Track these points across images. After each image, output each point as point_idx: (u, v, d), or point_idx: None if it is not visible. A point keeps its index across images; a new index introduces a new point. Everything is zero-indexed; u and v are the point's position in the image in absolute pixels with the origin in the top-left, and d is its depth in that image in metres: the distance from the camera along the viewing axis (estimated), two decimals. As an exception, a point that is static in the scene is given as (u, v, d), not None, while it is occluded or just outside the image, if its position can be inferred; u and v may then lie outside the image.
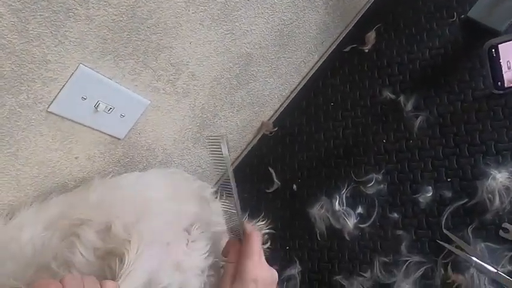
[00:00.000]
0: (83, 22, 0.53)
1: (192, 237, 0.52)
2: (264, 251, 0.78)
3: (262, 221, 0.81)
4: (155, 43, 0.61)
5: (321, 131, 0.83)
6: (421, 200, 0.68)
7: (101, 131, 0.64)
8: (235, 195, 0.56)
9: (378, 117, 0.77)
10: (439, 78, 0.73)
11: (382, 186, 0.72)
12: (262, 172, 0.86)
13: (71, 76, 0.56)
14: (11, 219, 0.55)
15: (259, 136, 0.90)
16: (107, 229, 0.48)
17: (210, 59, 0.70)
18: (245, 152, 0.90)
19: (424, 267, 0.64)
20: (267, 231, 0.80)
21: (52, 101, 0.56)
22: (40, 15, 0.49)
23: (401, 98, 0.75)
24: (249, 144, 0.90)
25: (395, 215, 0.70)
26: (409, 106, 0.74)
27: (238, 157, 0.90)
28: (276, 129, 0.88)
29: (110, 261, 0.44)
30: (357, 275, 0.69)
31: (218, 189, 0.71)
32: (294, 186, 0.82)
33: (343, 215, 0.73)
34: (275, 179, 0.84)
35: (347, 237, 0.73)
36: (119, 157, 0.70)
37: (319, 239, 0.75)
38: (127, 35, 0.58)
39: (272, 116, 0.90)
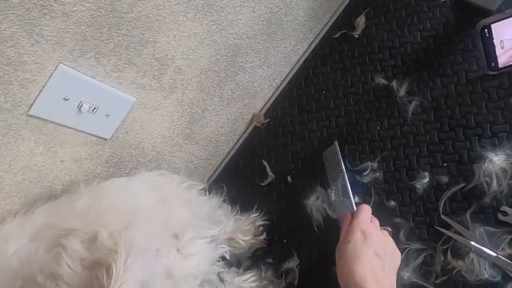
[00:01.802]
0: (59, 19, 0.50)
1: (182, 242, 0.51)
2: (261, 242, 0.77)
3: (256, 212, 0.79)
4: (137, 38, 0.59)
5: (314, 121, 0.81)
6: (417, 186, 0.67)
7: (86, 132, 0.62)
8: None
9: (371, 104, 0.76)
10: (432, 62, 0.72)
11: (377, 174, 0.71)
12: (255, 165, 0.85)
13: (50, 77, 0.53)
14: (-5, 231, 0.52)
15: (250, 128, 0.88)
16: (93, 238, 0.46)
17: (196, 52, 0.68)
18: (237, 145, 0.88)
19: (424, 254, 0.63)
20: (262, 222, 0.78)
21: (32, 104, 0.54)
22: (12, 13, 0.46)
23: (394, 84, 0.74)
24: (240, 137, 0.88)
25: (393, 202, 0.68)
26: (402, 91, 0.72)
27: (230, 151, 0.89)
28: (267, 120, 0.86)
29: (97, 272, 0.42)
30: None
31: (207, 185, 0.69)
32: (289, 178, 0.80)
33: (339, 205, 0.72)
34: (269, 172, 0.82)
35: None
36: (107, 157, 0.68)
37: (316, 230, 0.74)
38: (107, 30, 0.55)
39: (263, 108, 0.88)
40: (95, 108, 0.60)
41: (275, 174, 0.82)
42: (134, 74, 0.62)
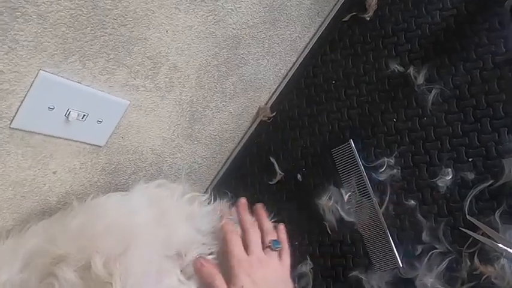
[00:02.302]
0: (35, 22, 0.45)
1: (186, 261, 0.47)
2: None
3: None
4: (126, 36, 0.53)
5: (324, 113, 0.75)
6: (440, 184, 0.61)
7: (77, 141, 0.57)
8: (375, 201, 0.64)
9: (386, 94, 0.69)
10: (454, 44, 0.65)
11: (395, 171, 0.65)
12: (263, 162, 0.80)
13: (31, 86, 0.48)
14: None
15: (256, 123, 0.82)
16: (87, 267, 0.42)
17: (192, 46, 0.62)
18: (243, 142, 0.83)
19: (448, 259, 0.58)
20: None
21: (14, 116, 0.49)
22: (-21, 19, 0.41)
23: (411, 70, 0.67)
24: (246, 132, 0.83)
25: (412, 202, 0.63)
26: (421, 79, 0.66)
27: (235, 147, 0.84)
28: (274, 114, 0.81)
29: None
30: (374, 269, 0.64)
31: (211, 192, 0.65)
32: (299, 176, 0.75)
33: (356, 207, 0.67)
34: (277, 170, 0.77)
35: (360, 230, 0.67)
36: (103, 165, 0.63)
37: (329, 232, 0.70)
38: (90, 30, 0.50)
39: (269, 100, 0.82)
40: (84, 115, 0.55)
41: (284, 172, 0.77)
42: (125, 76, 0.57)
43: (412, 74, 0.67)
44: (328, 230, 0.70)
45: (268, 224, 0.63)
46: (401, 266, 0.62)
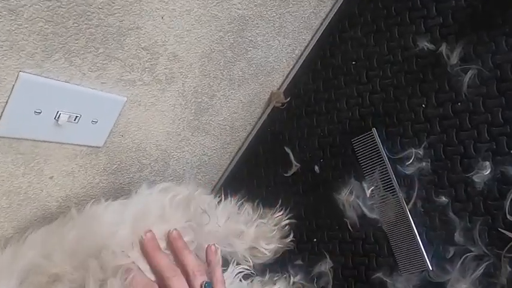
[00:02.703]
0: (6, 19, 0.39)
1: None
2: (288, 244, 0.69)
3: (280, 211, 0.70)
4: (115, 27, 0.47)
5: (343, 98, 0.68)
6: (476, 179, 0.54)
7: (72, 144, 0.53)
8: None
9: (414, 76, 0.61)
10: (493, 16, 0.56)
11: (424, 163, 0.59)
12: (277, 152, 0.74)
13: (12, 90, 0.43)
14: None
15: (269, 110, 0.76)
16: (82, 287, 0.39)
17: (193, 32, 0.55)
18: (255, 130, 0.77)
19: (485, 263, 0.52)
20: (288, 221, 0.69)
21: (-3, 124, 0.45)
22: None
23: (443, 48, 0.58)
24: (258, 120, 0.77)
25: (444, 198, 0.57)
26: (454, 58, 0.57)
27: (247, 136, 0.78)
28: (288, 99, 0.74)
29: None
30: (400, 271, 0.59)
31: (221, 189, 0.60)
32: (316, 168, 0.69)
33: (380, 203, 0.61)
34: (293, 160, 0.72)
35: (384, 227, 0.61)
36: (104, 166, 0.59)
37: (351, 229, 0.64)
38: (73, 23, 0.44)
39: (282, 85, 0.75)
40: (76, 116, 0.50)
41: (300, 163, 0.71)
42: (119, 70, 0.51)
43: (444, 52, 0.58)
44: (349, 227, 0.64)
45: (191, 260, 0.47)
46: (430, 268, 0.56)
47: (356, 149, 0.65)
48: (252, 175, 0.76)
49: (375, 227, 0.62)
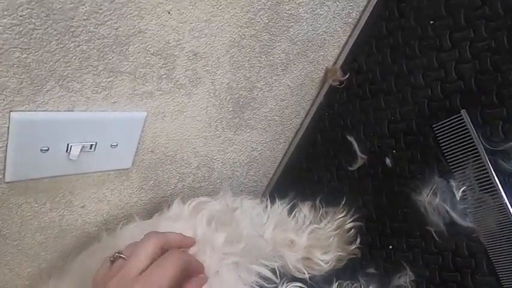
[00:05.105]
0: (-28, 58, 0.32)
1: None
2: (352, 252, 0.59)
3: (342, 211, 0.59)
4: (111, 37, 0.38)
5: (419, 70, 0.53)
6: None
7: (95, 172, 0.47)
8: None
9: (522, 35, 0.44)
10: None
11: (539, 158, 0.43)
12: (338, 141, 0.62)
13: (7, 132, 0.37)
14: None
15: (325, 90, 0.63)
16: None
17: (212, 21, 0.44)
18: (310, 115, 0.65)
19: None
20: (352, 224, 0.58)
21: (4, 171, 0.40)
22: None
23: None
24: (313, 103, 0.64)
25: None
26: None
27: (302, 124, 0.66)
28: (347, 76, 0.60)
29: None
30: (505, 295, 0.46)
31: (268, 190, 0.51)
32: (388, 161, 0.56)
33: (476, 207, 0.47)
34: (358, 152, 0.59)
35: (483, 239, 0.48)
36: (139, 184, 0.53)
37: (436, 238, 0.52)
38: (57, 44, 0.35)
39: (338, 59, 0.61)
40: (92, 145, 0.43)
41: (367, 155, 0.59)
42: (129, 84, 0.42)
43: None
44: (434, 236, 0.52)
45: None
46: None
47: (439, 137, 0.51)
48: (310, 169, 0.66)
49: (468, 238, 0.49)
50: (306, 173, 0.66)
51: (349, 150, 0.60)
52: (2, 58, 0.33)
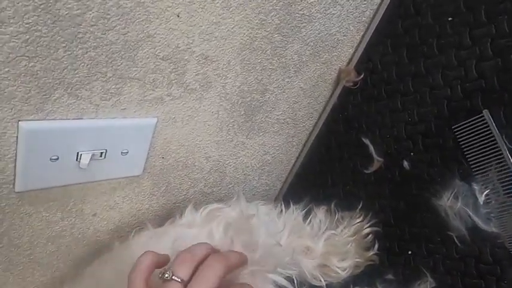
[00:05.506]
0: (-21, 67, 0.31)
1: None
2: (370, 259, 0.57)
3: (359, 216, 0.57)
4: (119, 42, 0.37)
5: (437, 69, 0.51)
6: None
7: (106, 180, 0.46)
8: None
9: (548, 30, 0.42)
10: None
11: None
12: (353, 143, 0.60)
13: (16, 142, 0.37)
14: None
15: (338, 91, 0.61)
16: None
17: (223, 23, 0.43)
18: (323, 117, 0.63)
19: None
20: (368, 229, 0.56)
21: (13, 181, 0.39)
22: None
23: None
24: (326, 105, 0.63)
25: None
26: None
27: (315, 126, 0.65)
28: (361, 76, 0.58)
29: None
30: (534, 305, 0.44)
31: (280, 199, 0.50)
32: (405, 164, 0.54)
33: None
34: (374, 154, 0.57)
35: (508, 245, 0.45)
36: (150, 190, 0.52)
37: (458, 244, 0.50)
38: (65, 52, 0.34)
39: (352, 59, 0.59)
40: (102, 152, 0.42)
41: (384, 158, 0.57)
42: (138, 90, 0.41)
43: None
44: (456, 241, 0.50)
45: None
46: None
47: (460, 139, 0.49)
48: (324, 172, 0.64)
49: (492, 243, 0.47)
50: (320, 176, 0.65)
51: (364, 152, 0.59)
52: (9, 67, 0.32)
